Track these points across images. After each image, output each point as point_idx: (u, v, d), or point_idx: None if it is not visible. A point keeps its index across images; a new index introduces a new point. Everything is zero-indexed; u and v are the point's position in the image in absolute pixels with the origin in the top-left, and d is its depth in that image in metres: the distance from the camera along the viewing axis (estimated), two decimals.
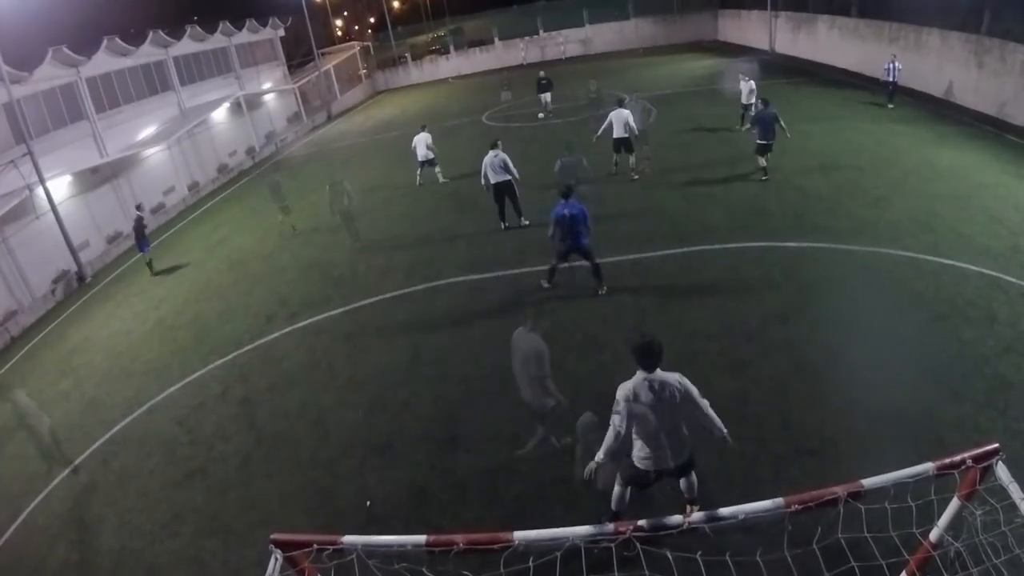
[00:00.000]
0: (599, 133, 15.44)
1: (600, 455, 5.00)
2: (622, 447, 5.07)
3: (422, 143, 18.02)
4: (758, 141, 13.97)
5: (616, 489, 5.43)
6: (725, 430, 5.03)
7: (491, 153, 13.30)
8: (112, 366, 11.48)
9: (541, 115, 24.60)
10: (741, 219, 12.45)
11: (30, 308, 15.40)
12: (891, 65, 18.51)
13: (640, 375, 4.89)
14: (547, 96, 24.85)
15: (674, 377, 4.91)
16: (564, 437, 6.88)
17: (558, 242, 10.03)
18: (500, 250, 12.97)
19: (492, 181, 13.33)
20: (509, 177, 13.27)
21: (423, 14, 65.74)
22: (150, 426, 9.34)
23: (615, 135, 15.16)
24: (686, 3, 41.20)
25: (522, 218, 13.77)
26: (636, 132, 15.07)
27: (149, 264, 15.86)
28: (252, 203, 21.34)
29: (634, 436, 5.05)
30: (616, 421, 4.91)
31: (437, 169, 18.38)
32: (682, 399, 4.87)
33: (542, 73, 25.32)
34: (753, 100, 17.83)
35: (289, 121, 34.47)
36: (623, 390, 4.91)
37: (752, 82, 18.12)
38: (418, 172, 18.51)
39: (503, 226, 13.77)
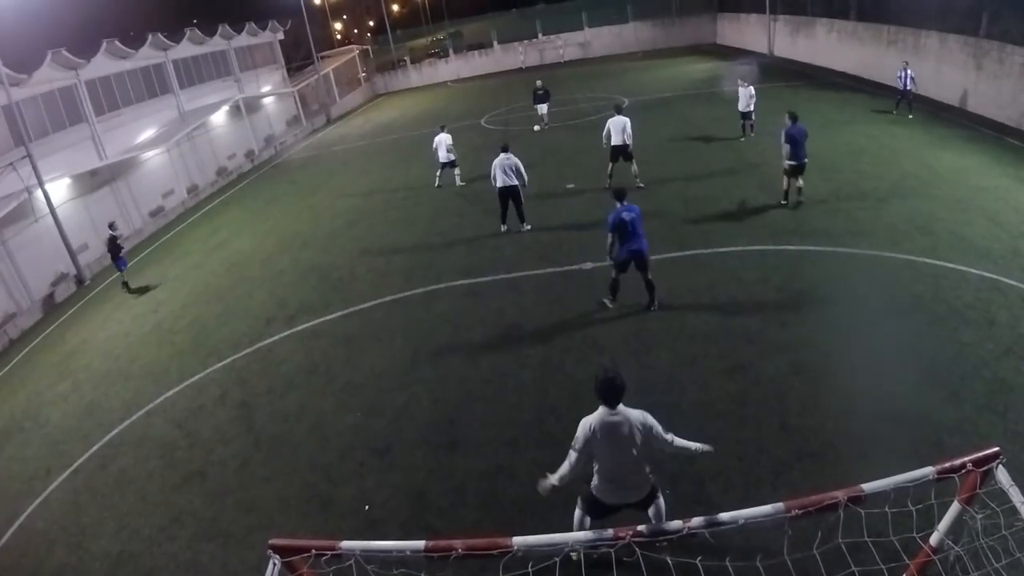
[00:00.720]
0: (605, 143, 15.09)
1: (555, 480, 4.91)
2: (583, 472, 4.96)
3: (442, 144, 17.67)
4: (789, 162, 12.20)
5: (576, 512, 5.28)
6: (702, 448, 4.89)
7: (502, 156, 13.21)
8: (110, 369, 11.46)
9: (536, 127, 23.23)
10: (740, 222, 12.45)
11: (29, 311, 15.38)
12: (904, 72, 17.64)
13: (602, 410, 4.71)
14: (543, 108, 23.14)
15: (637, 415, 4.71)
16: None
17: (619, 250, 9.28)
18: (499, 254, 12.97)
19: (499, 185, 13.25)
20: (516, 183, 13.21)
21: (422, 17, 65.89)
22: (148, 429, 9.32)
23: (613, 143, 14.81)
24: (685, 6, 41.32)
25: (524, 224, 13.73)
26: (631, 140, 14.73)
27: (125, 284, 15.29)
28: (251, 206, 21.36)
29: (594, 469, 4.92)
30: (572, 457, 4.80)
31: (456, 171, 18.10)
32: (644, 437, 4.71)
33: (539, 83, 23.47)
34: (752, 107, 17.42)
35: (288, 124, 34.49)
36: (584, 427, 4.74)
37: (751, 88, 17.54)
38: (437, 174, 18.27)
39: (503, 228, 13.75)
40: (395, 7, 71.21)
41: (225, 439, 8.69)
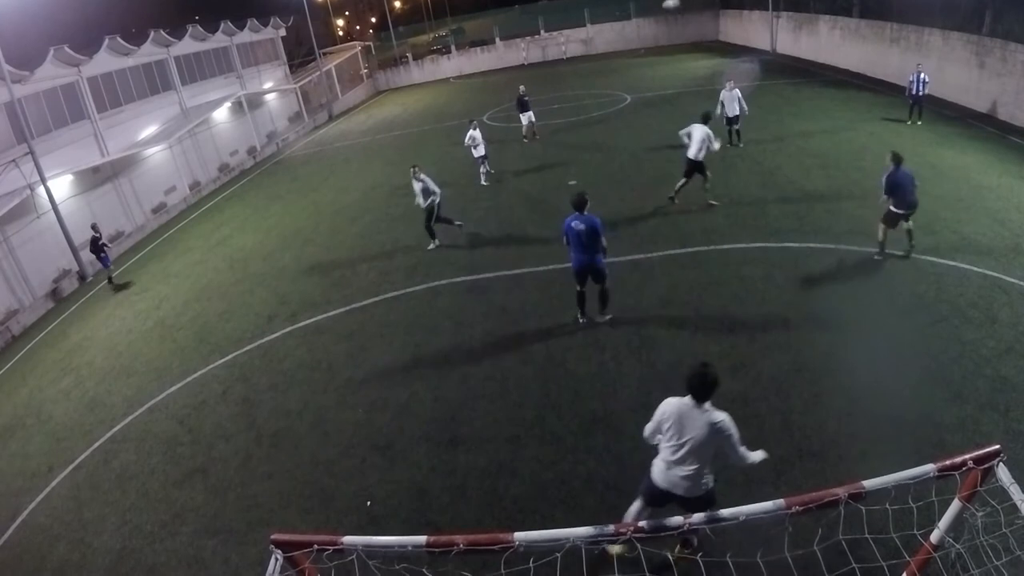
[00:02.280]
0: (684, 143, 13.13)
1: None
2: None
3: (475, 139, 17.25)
4: (895, 209, 9.82)
5: (636, 504, 5.27)
6: (757, 458, 4.86)
7: (415, 174, 13.08)
8: (113, 365, 11.48)
9: (526, 140, 21.57)
10: (742, 220, 12.44)
11: (31, 307, 15.41)
12: (916, 76, 16.48)
13: (689, 400, 4.72)
14: (529, 116, 21.06)
15: (718, 416, 4.68)
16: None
17: (573, 261, 9.14)
18: (500, 250, 12.98)
19: (424, 204, 13.17)
20: (437, 196, 13.20)
21: (424, 14, 65.74)
22: (151, 425, 9.34)
23: (691, 155, 12.78)
24: (688, 3, 41.25)
25: (456, 222, 13.76)
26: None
27: (109, 280, 15.68)
28: (253, 202, 21.36)
29: (661, 447, 4.95)
30: (648, 427, 4.98)
31: (482, 168, 17.67)
32: (714, 439, 4.69)
33: (522, 88, 21.37)
34: (738, 112, 16.35)
35: (290, 121, 34.50)
36: (664, 407, 4.85)
37: (737, 90, 16.34)
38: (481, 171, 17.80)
39: (435, 244, 13.68)
40: (397, 3, 71.10)
41: (227, 435, 8.71)
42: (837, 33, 26.55)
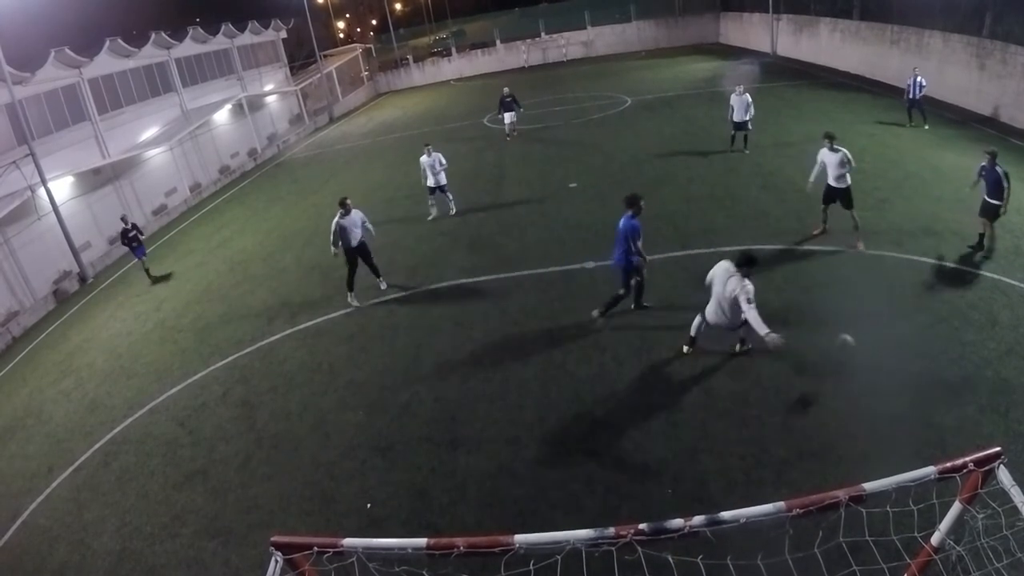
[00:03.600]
0: (812, 179, 11.26)
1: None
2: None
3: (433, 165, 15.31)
4: (986, 198, 9.96)
5: (697, 318, 8.20)
6: (763, 332, 6.98)
7: (351, 214, 11.23)
8: (113, 367, 11.48)
9: (508, 138, 22.26)
10: (742, 221, 12.44)
11: (32, 309, 15.41)
12: (912, 79, 16.46)
13: (730, 265, 7.39)
14: (511, 116, 21.79)
15: (743, 284, 7.17)
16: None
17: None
18: (501, 253, 12.98)
19: (354, 244, 11.37)
20: (365, 239, 11.62)
21: (425, 16, 65.80)
22: (151, 427, 9.34)
23: (829, 180, 10.99)
24: (688, 5, 41.34)
25: (381, 278, 12.18)
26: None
27: (147, 270, 15.80)
28: (254, 204, 21.38)
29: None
30: (707, 277, 7.77)
31: (449, 196, 15.84)
32: (731, 294, 7.23)
33: (506, 90, 21.93)
34: (747, 117, 16.09)
35: (291, 123, 34.53)
36: (718, 266, 7.62)
37: (748, 94, 16.10)
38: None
39: (352, 298, 11.79)
40: (398, 5, 71.17)
41: (227, 437, 8.71)
42: (837, 35, 26.58)
